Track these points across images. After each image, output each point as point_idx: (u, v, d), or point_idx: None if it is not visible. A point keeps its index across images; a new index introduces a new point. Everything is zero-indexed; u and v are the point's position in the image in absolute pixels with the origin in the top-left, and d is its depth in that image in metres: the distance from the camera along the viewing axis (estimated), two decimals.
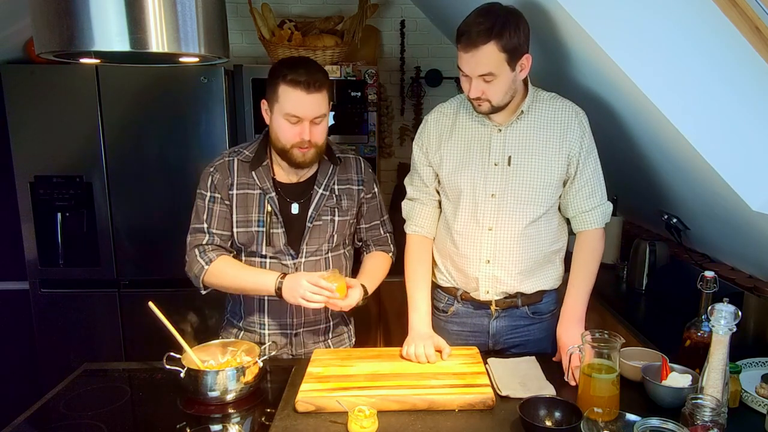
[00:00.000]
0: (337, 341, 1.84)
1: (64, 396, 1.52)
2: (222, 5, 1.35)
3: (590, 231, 1.71)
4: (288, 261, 1.70)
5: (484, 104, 1.59)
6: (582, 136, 1.65)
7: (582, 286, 1.68)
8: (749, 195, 1.63)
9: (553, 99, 1.68)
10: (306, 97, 1.55)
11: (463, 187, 1.68)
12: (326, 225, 1.71)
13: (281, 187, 1.70)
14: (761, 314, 1.80)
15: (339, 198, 1.73)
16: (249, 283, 1.66)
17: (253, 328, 1.76)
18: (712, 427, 1.14)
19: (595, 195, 1.69)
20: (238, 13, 3.19)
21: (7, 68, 2.56)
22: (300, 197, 1.70)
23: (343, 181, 1.74)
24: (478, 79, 1.55)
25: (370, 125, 2.79)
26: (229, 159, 1.71)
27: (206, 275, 1.67)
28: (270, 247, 1.68)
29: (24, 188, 2.65)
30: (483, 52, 1.51)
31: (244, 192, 1.68)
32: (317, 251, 1.72)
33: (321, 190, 1.70)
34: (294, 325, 1.74)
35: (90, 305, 2.74)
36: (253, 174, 1.68)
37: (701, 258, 2.26)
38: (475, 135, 1.69)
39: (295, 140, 1.59)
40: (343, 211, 1.73)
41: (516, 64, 1.55)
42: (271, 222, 1.67)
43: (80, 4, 1.14)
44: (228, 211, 1.69)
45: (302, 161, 1.63)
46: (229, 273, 1.67)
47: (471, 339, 1.79)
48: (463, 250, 1.71)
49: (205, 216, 1.69)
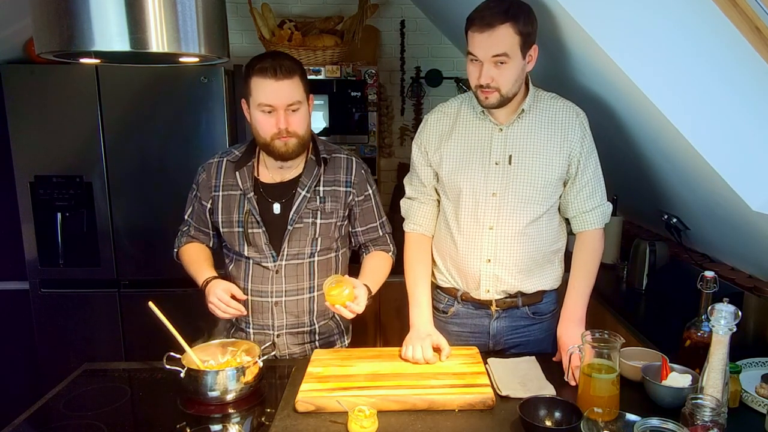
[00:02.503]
0: (325, 343, 1.81)
1: (64, 396, 1.52)
2: (222, 5, 1.35)
3: (590, 231, 1.71)
4: (269, 263, 1.69)
5: (493, 94, 1.57)
6: (583, 136, 1.65)
7: (582, 286, 1.69)
8: (749, 195, 1.63)
9: (553, 99, 1.69)
10: (275, 84, 1.54)
11: (463, 187, 1.68)
12: (308, 228, 1.69)
13: (264, 188, 1.70)
14: (761, 314, 1.80)
15: (323, 200, 1.70)
16: (192, 275, 1.74)
17: (241, 326, 1.77)
18: (712, 427, 1.14)
19: (595, 195, 1.69)
20: (238, 13, 3.19)
21: (7, 68, 2.56)
22: (282, 197, 1.69)
23: (329, 182, 1.72)
24: (490, 63, 1.54)
25: (370, 125, 2.79)
26: (219, 159, 1.74)
27: (177, 256, 1.82)
28: (251, 248, 1.68)
29: (24, 188, 2.65)
30: (499, 31, 1.51)
31: (227, 193, 1.70)
32: (299, 254, 1.70)
33: (303, 191, 1.68)
34: (275, 326, 1.74)
35: (90, 305, 2.74)
36: (237, 174, 1.69)
37: (701, 258, 2.26)
38: (475, 134, 1.69)
39: (273, 131, 1.58)
40: (326, 213, 1.70)
41: (527, 52, 1.56)
42: (248, 222, 1.67)
43: (80, 4, 1.14)
44: (203, 212, 1.75)
45: (285, 151, 1.61)
46: (185, 260, 1.78)
47: (471, 339, 1.79)
48: (463, 250, 1.71)
49: (188, 206, 1.81)
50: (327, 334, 1.81)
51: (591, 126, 1.69)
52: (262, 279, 1.70)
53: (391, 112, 3.32)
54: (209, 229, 1.78)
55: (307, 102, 1.64)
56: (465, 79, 3.23)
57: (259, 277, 1.70)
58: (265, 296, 1.71)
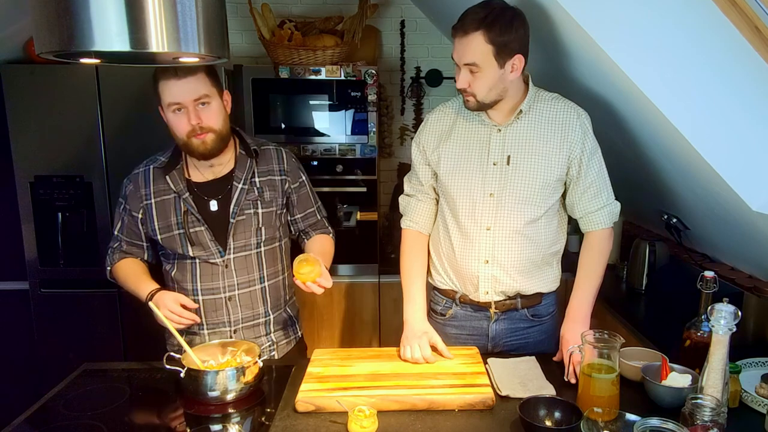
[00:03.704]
0: (281, 335, 1.84)
1: (64, 396, 1.52)
2: (222, 5, 1.34)
3: (597, 231, 1.71)
4: (217, 259, 1.70)
5: (470, 98, 1.61)
6: (584, 137, 1.64)
7: (588, 286, 1.68)
8: (749, 195, 1.63)
9: (554, 100, 1.68)
10: (178, 82, 1.56)
11: (461, 186, 1.69)
12: (250, 218, 1.71)
13: (197, 187, 1.71)
14: (761, 314, 1.81)
15: (261, 190, 1.73)
16: (131, 290, 1.71)
17: (192, 330, 1.74)
18: (711, 427, 1.14)
19: (600, 195, 1.68)
20: (238, 13, 3.19)
21: (7, 68, 2.56)
22: (218, 194, 1.71)
23: (263, 173, 1.75)
24: (465, 69, 1.57)
25: (370, 125, 2.79)
26: (144, 169, 1.74)
27: (110, 275, 1.80)
28: (196, 247, 1.69)
29: (24, 188, 2.64)
30: (470, 39, 1.53)
31: (161, 199, 1.70)
32: (246, 246, 1.72)
33: (240, 185, 1.70)
34: (231, 321, 1.74)
35: (90, 305, 2.73)
36: (167, 178, 1.70)
37: (701, 258, 2.26)
38: (474, 135, 1.69)
39: (187, 128, 1.59)
40: (266, 202, 1.74)
41: (505, 62, 1.55)
42: (188, 222, 1.68)
43: (80, 4, 1.14)
44: (135, 223, 1.74)
45: (204, 150, 1.62)
46: (120, 276, 1.76)
47: (469, 341, 1.78)
48: (460, 251, 1.71)
49: (116, 222, 1.79)
50: (282, 325, 1.84)
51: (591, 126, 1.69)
52: (212, 276, 1.71)
53: (391, 112, 3.32)
54: (142, 242, 1.78)
55: (221, 97, 1.65)
56: None
57: (208, 274, 1.71)
58: (217, 293, 1.72)
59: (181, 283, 1.73)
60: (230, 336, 1.74)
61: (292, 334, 1.88)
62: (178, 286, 1.73)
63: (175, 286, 1.74)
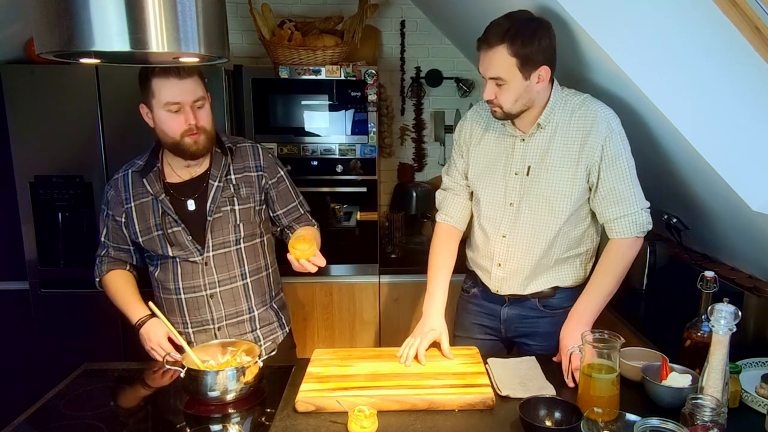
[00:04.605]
0: (267, 331, 1.84)
1: (64, 396, 1.52)
2: (222, 5, 1.34)
3: (618, 239, 1.63)
4: (196, 257, 1.71)
5: (497, 109, 1.61)
6: (604, 141, 1.58)
7: (595, 292, 1.63)
8: (749, 195, 1.63)
9: (580, 105, 1.62)
10: (180, 82, 1.58)
11: (484, 193, 1.72)
12: (227, 215, 1.72)
13: (173, 188, 1.73)
14: (761, 314, 1.80)
15: (237, 187, 1.74)
16: (120, 309, 1.75)
17: (179, 329, 1.74)
18: (712, 427, 1.14)
19: (621, 203, 1.61)
20: (238, 13, 3.19)
21: (7, 68, 2.56)
22: (194, 193, 1.72)
23: (239, 170, 1.76)
24: (491, 82, 1.57)
25: (370, 125, 2.79)
26: (123, 174, 1.76)
27: (100, 284, 1.83)
28: (175, 247, 1.70)
29: (24, 188, 2.64)
30: (494, 52, 1.53)
31: (140, 202, 1.73)
32: (225, 243, 1.73)
33: (216, 182, 1.72)
34: (214, 319, 1.75)
35: (90, 305, 2.73)
36: (144, 181, 1.71)
37: (701, 258, 2.26)
38: (501, 142, 1.71)
39: (183, 128, 1.61)
40: (243, 199, 1.75)
41: (530, 73, 1.54)
42: (166, 223, 1.70)
43: (80, 4, 1.14)
44: (119, 228, 1.76)
45: (196, 150, 1.64)
46: (110, 290, 1.79)
47: (486, 320, 1.84)
48: (480, 248, 1.77)
49: (101, 228, 1.80)
50: (267, 321, 1.84)
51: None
52: (192, 274, 1.72)
53: (391, 112, 3.32)
54: (129, 245, 1.79)
55: (209, 100, 1.68)
56: (465, 79, 3.23)
57: (189, 273, 1.72)
58: (198, 290, 1.73)
59: (163, 283, 1.75)
60: (215, 334, 1.75)
61: (279, 330, 1.88)
62: (162, 286, 1.76)
63: (159, 286, 1.76)
